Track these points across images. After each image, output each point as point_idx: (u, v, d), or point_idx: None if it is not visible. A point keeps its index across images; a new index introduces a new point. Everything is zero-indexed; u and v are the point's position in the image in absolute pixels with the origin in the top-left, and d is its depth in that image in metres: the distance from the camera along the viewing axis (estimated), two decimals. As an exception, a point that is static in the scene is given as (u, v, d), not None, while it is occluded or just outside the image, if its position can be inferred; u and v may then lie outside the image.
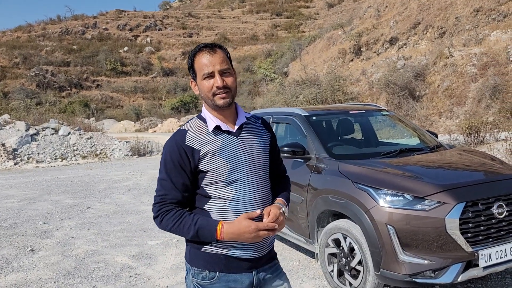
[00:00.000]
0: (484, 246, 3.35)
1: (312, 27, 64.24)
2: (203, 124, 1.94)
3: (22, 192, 9.53)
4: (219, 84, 1.85)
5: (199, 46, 1.92)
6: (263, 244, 1.95)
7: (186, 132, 1.91)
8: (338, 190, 3.89)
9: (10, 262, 5.14)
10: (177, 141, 1.89)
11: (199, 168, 1.86)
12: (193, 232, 1.82)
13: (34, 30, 66.58)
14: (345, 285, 3.84)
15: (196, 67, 1.90)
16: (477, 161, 4.23)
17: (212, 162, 1.86)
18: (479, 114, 13.21)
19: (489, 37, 16.36)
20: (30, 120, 19.31)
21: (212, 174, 1.87)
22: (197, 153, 1.86)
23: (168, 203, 1.87)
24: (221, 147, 1.88)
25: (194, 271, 1.93)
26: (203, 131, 1.91)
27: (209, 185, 1.88)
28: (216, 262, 1.89)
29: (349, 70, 23.93)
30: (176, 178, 1.88)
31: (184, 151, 1.86)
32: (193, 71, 1.93)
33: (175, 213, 1.85)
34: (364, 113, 5.41)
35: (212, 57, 1.87)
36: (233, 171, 1.88)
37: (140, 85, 54.18)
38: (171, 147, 1.90)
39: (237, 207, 1.88)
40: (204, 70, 1.86)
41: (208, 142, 1.88)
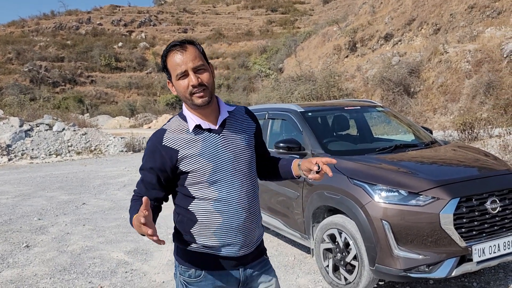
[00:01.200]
0: (477, 241, 3.39)
1: (307, 23, 64.20)
2: (183, 123, 1.88)
3: (16, 188, 9.49)
4: (194, 82, 1.77)
5: (169, 45, 1.85)
6: (250, 242, 1.94)
7: (165, 132, 1.86)
8: (334, 186, 3.91)
9: (5, 258, 5.13)
10: (153, 141, 1.86)
11: (180, 168, 1.83)
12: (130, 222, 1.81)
13: (27, 25, 66.13)
14: (340, 280, 3.86)
15: (169, 67, 1.83)
16: (471, 157, 4.26)
17: (193, 162, 1.81)
18: (473, 110, 13.29)
19: (484, 33, 16.43)
20: (24, 116, 19.19)
21: (194, 175, 1.83)
22: (175, 153, 1.81)
23: (136, 195, 1.91)
24: (202, 147, 1.83)
25: (181, 269, 1.93)
26: (183, 131, 1.86)
27: (192, 185, 1.85)
28: (202, 261, 1.89)
29: (344, 66, 23.96)
30: (144, 176, 1.90)
31: (160, 152, 1.83)
32: (167, 72, 1.85)
33: (133, 204, 1.87)
34: (359, 109, 5.44)
35: (183, 55, 1.79)
36: (216, 170, 1.84)
37: (134, 81, 53.99)
38: (148, 147, 1.89)
39: (222, 207, 1.85)
40: (177, 70, 1.79)
41: (188, 141, 1.83)
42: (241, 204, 1.88)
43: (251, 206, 1.93)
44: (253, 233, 1.95)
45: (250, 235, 1.93)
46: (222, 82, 47.47)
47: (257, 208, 1.99)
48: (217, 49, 60.60)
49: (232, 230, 1.87)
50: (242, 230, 1.89)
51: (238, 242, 1.89)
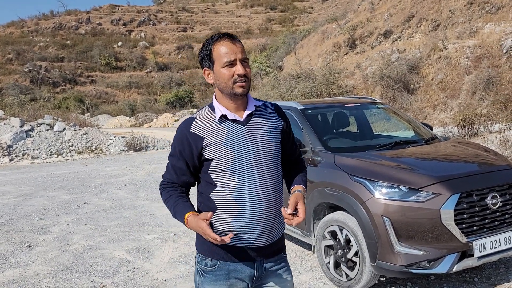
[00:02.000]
0: (478, 236, 3.40)
1: (307, 20, 64.15)
2: (212, 112, 1.97)
3: (18, 188, 9.50)
4: (241, 72, 1.87)
5: (218, 35, 1.94)
6: (267, 234, 1.96)
7: (193, 120, 1.97)
8: (334, 183, 3.92)
9: (8, 258, 5.14)
10: (182, 128, 1.97)
11: (204, 155, 1.92)
12: (173, 214, 1.97)
13: (27, 25, 66.14)
14: (342, 276, 3.87)
15: (215, 55, 1.90)
16: (471, 153, 4.27)
17: (216, 150, 1.90)
18: (473, 106, 13.28)
19: (483, 29, 16.41)
20: (25, 116, 19.19)
21: (217, 163, 1.91)
22: (201, 140, 1.91)
23: (166, 182, 2.04)
24: (226, 136, 1.91)
25: (199, 257, 2.01)
26: (210, 119, 1.95)
27: (215, 173, 1.93)
28: (218, 251, 1.94)
29: (343, 63, 23.94)
30: (173, 162, 2.00)
31: (187, 138, 1.93)
32: (209, 59, 1.93)
33: (168, 191, 2.01)
34: (359, 106, 5.44)
35: (234, 46, 1.89)
36: (237, 160, 1.90)
37: (134, 80, 54.01)
38: (177, 133, 2.00)
39: (241, 197, 1.90)
40: (226, 58, 1.87)
41: (213, 130, 1.92)
42: (260, 196, 1.92)
43: (270, 199, 1.96)
44: (272, 226, 1.98)
45: (268, 227, 1.96)
46: (222, 81, 47.38)
47: (279, 203, 2.00)
48: (217, 47, 60.50)
49: (249, 220, 1.91)
50: (259, 221, 1.93)
51: (254, 232, 1.93)
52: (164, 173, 2.07)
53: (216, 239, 1.76)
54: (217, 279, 1.95)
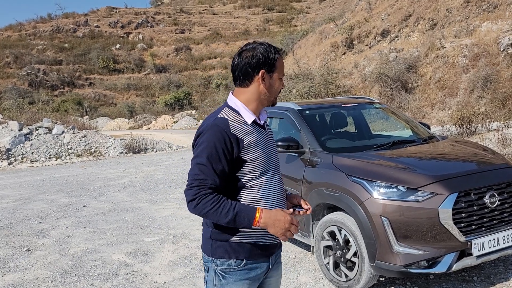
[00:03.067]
0: (477, 235, 3.40)
1: (304, 21, 64.17)
2: (237, 115, 2.00)
3: (17, 192, 9.50)
4: (284, 87, 2.13)
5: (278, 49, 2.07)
6: None
7: (227, 120, 1.95)
8: (332, 183, 3.92)
9: (7, 262, 5.14)
10: (222, 128, 1.92)
11: (241, 157, 1.94)
12: (231, 216, 1.85)
13: (24, 28, 66.05)
14: (341, 277, 3.88)
15: (279, 65, 2.04)
16: (469, 152, 4.28)
17: (253, 152, 1.96)
18: (471, 105, 13.29)
19: (480, 28, 16.42)
20: (23, 119, 19.17)
21: (251, 164, 1.96)
22: (242, 142, 1.93)
23: (208, 188, 1.88)
24: (258, 139, 2.00)
25: (218, 261, 1.99)
26: (241, 122, 1.98)
27: (244, 174, 1.97)
28: (242, 251, 1.97)
29: (341, 63, 23.95)
30: (217, 164, 1.90)
31: (229, 139, 1.91)
32: (271, 66, 2.02)
33: (214, 197, 1.87)
34: (357, 106, 5.45)
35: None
36: (267, 162, 2.01)
37: (133, 82, 53.98)
38: (214, 133, 1.91)
39: (270, 195, 2.01)
40: (283, 72, 2.08)
41: (248, 132, 1.97)
42: (281, 194, 2.08)
43: (285, 196, 2.13)
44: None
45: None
46: (221, 82, 47.47)
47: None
48: (215, 49, 60.63)
49: None
50: None
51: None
52: (201, 179, 1.89)
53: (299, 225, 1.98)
54: (240, 278, 1.99)
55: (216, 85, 47.69)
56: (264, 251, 2.03)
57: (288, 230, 1.90)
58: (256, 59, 1.99)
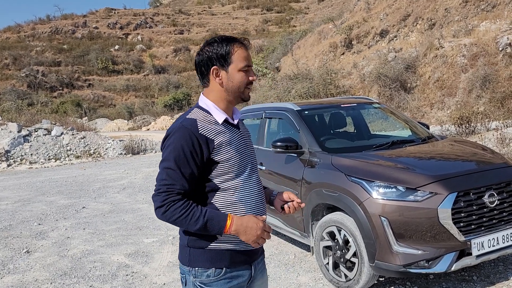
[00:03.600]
0: (476, 235, 3.40)
1: (303, 21, 64.22)
2: (207, 114, 1.91)
3: (16, 194, 9.48)
4: (254, 78, 1.95)
5: (238, 38, 1.95)
6: None
7: (196, 121, 1.86)
8: (332, 184, 3.92)
9: (6, 264, 5.13)
10: (189, 129, 1.83)
11: (213, 158, 1.84)
12: (201, 224, 1.76)
13: (23, 30, 66.03)
14: (341, 277, 3.87)
15: (235, 57, 1.90)
16: (469, 151, 4.28)
17: (225, 152, 1.86)
18: (470, 105, 13.30)
19: (479, 27, 16.43)
20: (22, 121, 19.15)
21: (224, 165, 1.86)
22: (211, 142, 1.84)
23: (176, 193, 1.79)
24: (231, 139, 1.90)
25: (196, 272, 1.88)
26: (212, 122, 1.89)
27: (218, 176, 1.87)
28: (222, 258, 1.88)
29: (340, 63, 23.96)
30: (185, 168, 1.80)
31: (197, 140, 1.82)
32: (225, 60, 1.90)
33: (183, 203, 1.78)
34: (356, 106, 5.44)
35: (249, 52, 1.95)
36: (241, 162, 1.92)
37: (132, 83, 53.96)
38: (182, 135, 1.82)
39: (246, 198, 1.91)
40: (245, 62, 1.91)
41: (219, 132, 1.88)
42: (259, 196, 1.98)
43: (263, 199, 2.04)
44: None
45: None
46: (220, 83, 47.37)
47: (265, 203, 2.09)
48: (214, 49, 60.47)
49: None
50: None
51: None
52: (169, 184, 1.80)
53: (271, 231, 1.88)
54: None
55: (215, 85, 47.59)
56: (245, 258, 1.93)
57: (261, 237, 1.82)
58: (206, 57, 1.91)
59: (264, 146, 5.24)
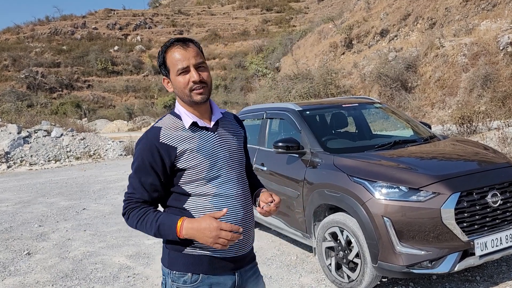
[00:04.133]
0: (479, 235, 3.39)
1: (303, 21, 64.18)
2: (177, 120, 1.87)
3: (16, 195, 9.47)
4: (196, 79, 1.79)
5: (170, 41, 1.87)
6: (246, 242, 1.92)
7: (160, 129, 1.83)
8: (334, 184, 3.90)
9: (7, 266, 5.11)
10: (150, 139, 1.82)
11: (177, 166, 1.81)
12: (155, 229, 1.75)
13: (22, 31, 65.97)
14: (343, 278, 3.86)
15: (169, 63, 1.84)
16: (471, 151, 4.26)
17: (191, 159, 1.80)
18: (471, 104, 13.28)
19: (479, 26, 16.42)
20: (22, 122, 19.13)
21: (191, 172, 1.81)
22: (173, 150, 1.79)
23: (135, 202, 1.82)
24: (199, 144, 1.83)
25: (174, 275, 1.85)
26: (178, 128, 1.85)
27: (188, 183, 1.83)
28: (199, 264, 1.83)
29: (340, 63, 23.95)
30: (144, 178, 1.81)
31: (157, 150, 1.79)
32: (165, 68, 1.86)
33: (140, 210, 1.80)
34: (357, 106, 5.43)
35: (185, 51, 1.81)
36: (212, 167, 1.84)
37: (131, 84, 53.91)
38: (143, 145, 1.83)
39: (220, 203, 1.83)
40: (179, 65, 1.80)
41: (185, 139, 1.82)
42: (239, 201, 1.88)
43: (247, 204, 1.93)
44: (249, 234, 1.94)
45: (247, 235, 1.91)
46: (219, 83, 47.41)
47: (252, 209, 1.98)
48: (213, 50, 60.54)
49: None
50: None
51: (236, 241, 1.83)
52: (130, 194, 1.84)
53: (239, 230, 1.70)
54: None
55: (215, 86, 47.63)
56: (226, 264, 1.86)
57: (219, 237, 1.67)
58: (158, 66, 1.92)
59: (266, 146, 5.22)
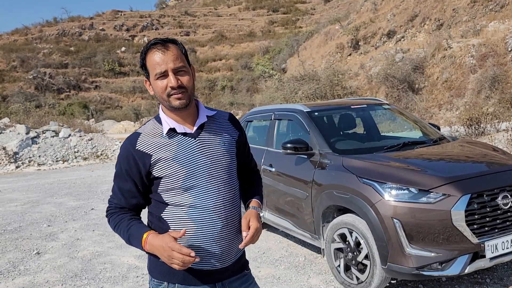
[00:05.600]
0: (490, 237, 3.36)
1: (309, 22, 64.17)
2: (158, 126, 1.80)
3: (25, 195, 9.53)
4: (173, 84, 1.69)
5: (150, 43, 1.76)
6: (228, 254, 1.83)
7: (139, 135, 1.79)
8: (343, 185, 3.89)
9: (17, 266, 5.15)
10: (127, 146, 1.79)
11: (153, 174, 1.75)
12: (126, 238, 1.75)
13: (30, 32, 66.49)
14: (352, 279, 3.85)
15: (148, 65, 1.74)
16: (480, 153, 4.24)
17: (166, 167, 1.73)
18: (479, 105, 13.22)
19: (487, 27, 16.34)
20: (30, 123, 19.29)
21: (167, 180, 1.74)
22: (148, 158, 1.74)
23: (113, 207, 1.83)
24: (176, 151, 1.75)
25: (153, 283, 1.82)
26: (157, 134, 1.78)
27: (165, 191, 1.77)
28: (175, 273, 1.77)
29: (347, 64, 23.91)
30: (122, 184, 1.80)
31: (133, 156, 1.75)
32: (145, 70, 1.77)
33: (117, 216, 1.80)
34: (366, 107, 5.41)
35: (164, 55, 1.71)
36: (190, 176, 1.75)
37: (138, 85, 54.12)
38: (121, 151, 1.81)
39: (196, 214, 1.75)
40: (156, 69, 1.70)
41: (161, 145, 1.75)
42: (217, 212, 1.78)
43: (229, 215, 1.81)
44: (232, 245, 1.83)
45: (228, 247, 1.81)
46: (226, 84, 47.53)
47: (237, 218, 1.87)
48: (220, 51, 60.70)
49: (207, 240, 1.76)
50: (218, 241, 1.78)
51: (214, 254, 1.78)
52: (110, 198, 1.85)
53: (190, 254, 1.57)
54: None
55: (222, 87, 47.78)
56: (202, 276, 1.79)
57: (172, 257, 1.59)
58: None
59: (274, 147, 5.22)
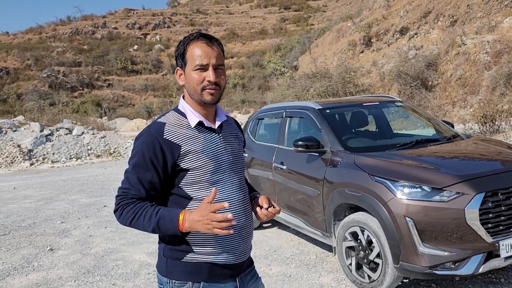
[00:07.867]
0: (505, 236, 3.31)
1: (321, 19, 63.84)
2: (182, 118, 1.79)
3: (39, 192, 9.65)
4: (212, 79, 1.72)
5: (195, 34, 1.77)
6: (246, 247, 1.87)
7: (164, 124, 1.75)
8: (355, 183, 3.87)
9: (31, 262, 5.21)
10: (153, 134, 1.72)
11: (180, 165, 1.72)
12: (154, 224, 1.66)
13: (44, 31, 67.16)
14: (364, 278, 3.82)
15: (188, 55, 1.75)
16: (495, 150, 4.18)
17: (195, 159, 1.73)
18: (493, 102, 13.03)
19: (502, 24, 16.10)
20: (44, 120, 19.52)
21: (194, 173, 1.73)
22: (177, 148, 1.71)
23: (130, 198, 1.73)
24: (204, 144, 1.76)
25: (174, 284, 1.78)
26: (183, 126, 1.77)
27: (190, 185, 1.75)
28: (199, 272, 1.76)
29: (359, 61, 23.75)
30: (142, 174, 1.72)
31: (160, 146, 1.71)
32: (182, 59, 1.78)
33: (136, 205, 1.70)
34: (378, 104, 5.36)
35: (209, 49, 1.74)
36: (217, 170, 1.76)
37: (150, 83, 54.40)
38: (144, 139, 1.74)
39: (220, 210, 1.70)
40: (198, 61, 1.72)
41: (190, 137, 1.75)
42: (241, 206, 1.83)
43: (247, 209, 1.88)
44: (249, 239, 1.89)
45: (247, 240, 1.87)
46: (237, 82, 47.49)
47: (252, 215, 1.92)
48: (231, 48, 60.68)
49: (232, 235, 1.78)
50: (241, 235, 1.82)
51: (237, 247, 1.81)
52: (125, 188, 1.74)
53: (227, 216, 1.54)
54: None
55: (233, 85, 47.76)
56: (226, 271, 1.80)
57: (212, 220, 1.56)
58: (175, 55, 1.82)
59: (285, 145, 5.20)
